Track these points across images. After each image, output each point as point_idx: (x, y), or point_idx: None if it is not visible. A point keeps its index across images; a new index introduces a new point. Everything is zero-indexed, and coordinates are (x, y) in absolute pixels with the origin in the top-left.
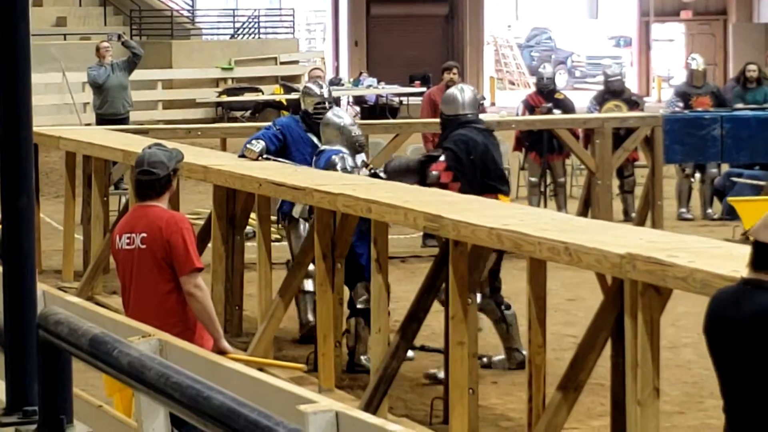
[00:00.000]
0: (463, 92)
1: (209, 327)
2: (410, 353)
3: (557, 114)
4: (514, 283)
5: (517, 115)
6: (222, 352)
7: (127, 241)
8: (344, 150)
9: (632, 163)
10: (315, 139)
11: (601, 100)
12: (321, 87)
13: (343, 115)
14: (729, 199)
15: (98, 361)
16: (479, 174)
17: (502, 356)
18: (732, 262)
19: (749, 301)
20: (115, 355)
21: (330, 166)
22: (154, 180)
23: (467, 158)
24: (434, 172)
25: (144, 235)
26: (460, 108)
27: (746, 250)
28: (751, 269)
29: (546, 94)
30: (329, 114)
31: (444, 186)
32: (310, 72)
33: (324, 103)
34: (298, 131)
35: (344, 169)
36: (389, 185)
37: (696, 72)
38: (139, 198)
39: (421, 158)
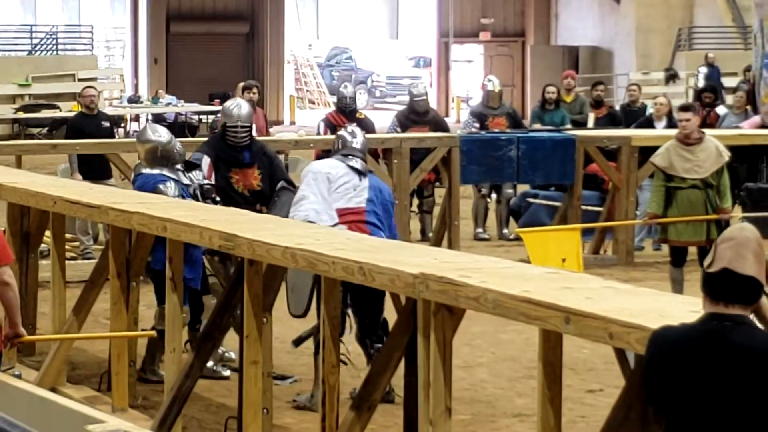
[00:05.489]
0: (239, 107)
1: (16, 315)
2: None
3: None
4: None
5: (318, 134)
6: (18, 336)
7: None
8: (167, 173)
9: (432, 183)
10: None
11: (404, 121)
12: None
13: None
14: (516, 230)
15: None
16: None
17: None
18: (524, 282)
19: (738, 338)
20: None
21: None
22: None
23: None
24: None
25: None
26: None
27: (537, 271)
28: (715, 303)
29: (348, 114)
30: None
31: None
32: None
33: None
34: None
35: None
36: (187, 204)
37: (492, 93)
38: None
39: None
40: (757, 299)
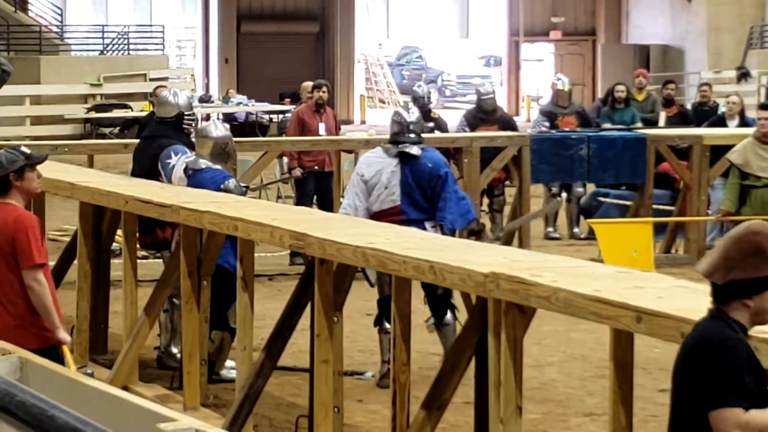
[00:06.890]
0: (176, 96)
1: (46, 319)
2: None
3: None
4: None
5: None
6: (60, 343)
7: None
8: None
9: (502, 182)
10: None
11: (472, 120)
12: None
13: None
14: (589, 221)
15: None
16: None
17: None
18: (595, 281)
19: (698, 329)
20: None
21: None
22: None
23: None
24: None
25: None
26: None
27: (608, 270)
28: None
29: (423, 114)
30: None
31: None
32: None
33: None
34: None
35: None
36: (255, 203)
37: (561, 92)
38: None
39: None
40: (718, 297)
